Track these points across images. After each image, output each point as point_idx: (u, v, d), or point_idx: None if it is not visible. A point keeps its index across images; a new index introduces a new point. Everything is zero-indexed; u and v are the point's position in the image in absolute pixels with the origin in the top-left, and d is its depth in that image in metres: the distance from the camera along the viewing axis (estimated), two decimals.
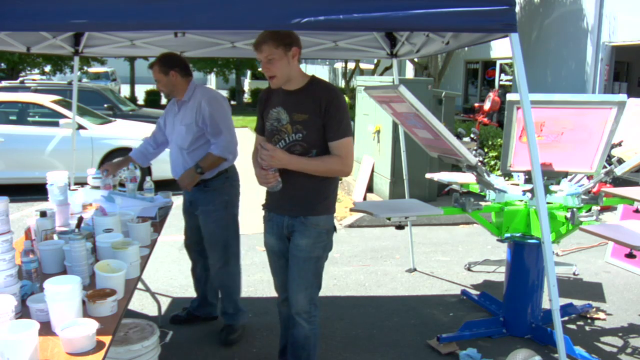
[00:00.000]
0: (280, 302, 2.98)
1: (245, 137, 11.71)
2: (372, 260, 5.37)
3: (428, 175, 4.94)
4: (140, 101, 22.83)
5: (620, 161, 3.74)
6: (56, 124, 7.64)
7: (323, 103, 2.55)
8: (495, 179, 3.91)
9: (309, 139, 2.58)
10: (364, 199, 7.46)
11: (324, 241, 2.70)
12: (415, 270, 5.08)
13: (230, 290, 3.59)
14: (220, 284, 3.62)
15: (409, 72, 16.69)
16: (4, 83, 11.32)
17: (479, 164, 3.45)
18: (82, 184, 3.79)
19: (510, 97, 3.43)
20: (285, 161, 2.54)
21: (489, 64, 14.61)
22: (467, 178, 4.21)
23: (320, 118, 2.56)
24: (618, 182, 4.10)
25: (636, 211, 4.74)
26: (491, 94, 10.14)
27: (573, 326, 3.99)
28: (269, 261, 2.90)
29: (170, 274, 4.86)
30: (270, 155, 2.49)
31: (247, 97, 27.00)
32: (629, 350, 3.63)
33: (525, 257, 3.69)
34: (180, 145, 3.48)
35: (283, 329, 3.04)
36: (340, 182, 8.92)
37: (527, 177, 3.87)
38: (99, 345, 1.81)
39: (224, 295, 3.62)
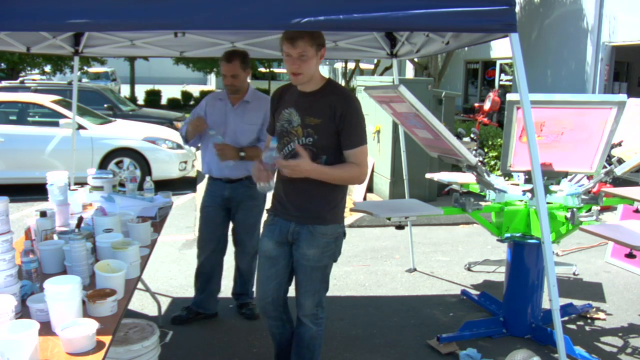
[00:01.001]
0: (262, 313, 2.86)
1: None
2: (372, 260, 5.37)
3: (428, 175, 4.94)
4: (140, 101, 22.83)
5: (620, 161, 3.74)
6: (56, 124, 7.63)
7: (339, 110, 2.49)
8: (495, 179, 3.91)
9: (319, 143, 2.52)
10: (364, 199, 7.46)
11: (331, 249, 2.65)
12: (415, 270, 5.08)
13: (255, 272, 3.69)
14: (250, 268, 3.85)
15: (409, 72, 16.69)
16: (4, 83, 11.31)
17: (479, 164, 3.45)
18: (82, 184, 3.78)
19: (510, 97, 3.43)
20: (310, 171, 2.46)
21: (489, 64, 14.61)
22: (467, 178, 4.21)
23: (334, 124, 2.50)
24: (618, 182, 4.10)
25: (636, 211, 4.74)
26: (491, 94, 10.14)
27: (573, 326, 3.99)
28: (260, 267, 2.78)
29: (170, 274, 4.86)
30: (296, 166, 2.43)
31: None
32: (629, 350, 3.63)
33: (525, 257, 3.69)
34: (239, 142, 3.59)
35: (272, 339, 2.95)
36: None
37: (527, 177, 3.86)
38: (99, 345, 1.81)
39: (252, 277, 3.87)
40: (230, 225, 3.86)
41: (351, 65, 20.67)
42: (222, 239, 3.83)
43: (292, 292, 2.80)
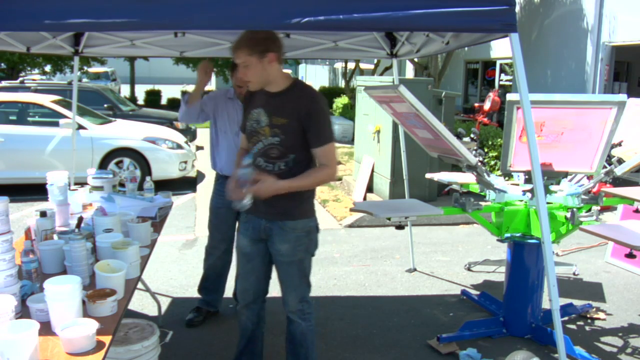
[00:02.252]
0: (240, 308, 2.93)
1: None
2: (372, 260, 5.37)
3: (428, 175, 4.94)
4: (140, 101, 22.83)
5: (620, 161, 3.74)
6: (56, 124, 7.64)
7: (304, 109, 2.53)
8: (495, 179, 3.91)
9: (286, 143, 2.56)
10: (364, 199, 7.46)
11: (304, 243, 2.70)
12: (415, 270, 5.08)
13: None
14: None
15: (409, 72, 16.69)
16: (4, 83, 11.31)
17: (479, 164, 3.45)
18: (82, 184, 3.78)
19: (510, 97, 3.43)
20: (278, 189, 2.52)
21: (489, 64, 14.61)
22: (467, 178, 4.21)
23: (300, 123, 2.54)
24: (618, 182, 4.10)
25: (636, 211, 4.75)
26: (491, 94, 10.14)
27: (573, 326, 3.99)
28: (239, 263, 2.87)
29: (170, 274, 4.86)
30: (262, 187, 2.49)
31: None
32: (629, 350, 3.63)
33: (525, 257, 3.69)
34: None
35: (241, 336, 2.99)
36: (340, 182, 8.92)
37: (527, 177, 3.86)
38: (99, 345, 1.81)
39: None
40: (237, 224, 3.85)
41: (351, 65, 20.64)
42: (233, 239, 3.83)
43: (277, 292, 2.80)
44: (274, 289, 2.93)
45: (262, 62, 2.50)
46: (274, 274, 2.87)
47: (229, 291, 4.07)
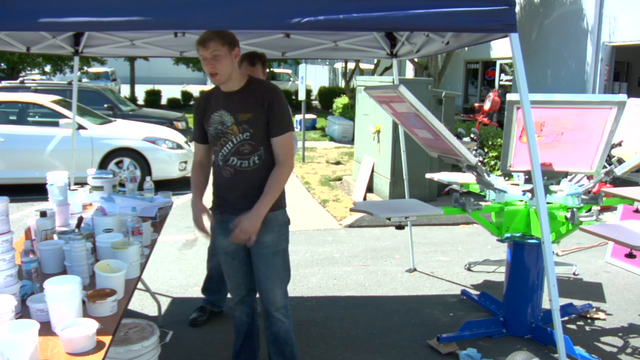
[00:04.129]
0: (233, 305, 2.96)
1: None
2: (372, 260, 5.37)
3: (428, 175, 4.94)
4: (140, 101, 22.83)
5: (620, 161, 3.74)
6: (56, 124, 7.63)
7: (265, 100, 2.59)
8: (495, 179, 3.91)
9: (256, 137, 2.61)
10: (364, 199, 7.46)
11: (285, 233, 2.77)
12: (415, 270, 5.08)
13: None
14: None
15: (409, 72, 16.69)
16: (4, 83, 11.31)
17: (479, 164, 3.45)
18: (82, 184, 3.78)
19: (510, 97, 3.43)
20: (259, 218, 2.56)
21: (489, 64, 14.61)
22: (467, 178, 4.21)
23: (264, 115, 2.60)
24: (618, 182, 4.10)
25: (636, 211, 4.74)
26: (491, 94, 10.14)
27: (573, 326, 3.99)
28: (224, 264, 2.87)
29: (170, 274, 4.86)
30: (246, 225, 2.53)
31: None
32: (629, 350, 3.63)
33: (525, 257, 3.69)
34: None
35: (237, 333, 3.01)
36: (340, 182, 8.93)
37: (527, 177, 3.86)
38: (99, 345, 1.81)
39: None
40: None
41: (351, 65, 20.65)
42: None
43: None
44: None
45: (231, 55, 2.55)
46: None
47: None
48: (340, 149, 12.76)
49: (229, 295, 4.05)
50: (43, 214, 2.68)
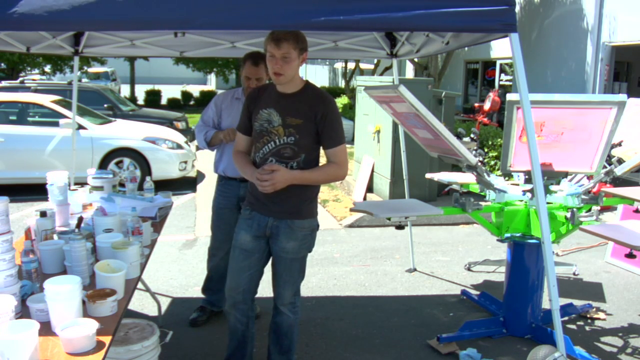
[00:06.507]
0: (228, 308, 2.91)
1: None
2: (372, 260, 5.37)
3: (428, 175, 4.94)
4: (140, 101, 22.83)
5: (620, 161, 3.74)
6: (56, 124, 7.63)
7: (320, 111, 2.60)
8: (495, 179, 3.91)
9: (300, 143, 2.61)
10: (364, 199, 7.46)
11: (308, 241, 2.79)
12: (415, 270, 5.08)
13: None
14: None
15: (409, 72, 16.69)
16: (4, 83, 11.31)
17: (479, 164, 3.45)
18: (82, 184, 3.78)
19: (510, 97, 3.43)
20: (289, 179, 2.57)
21: (489, 64, 14.61)
22: (467, 178, 4.21)
23: (315, 125, 2.61)
24: (618, 182, 4.10)
25: (636, 211, 4.74)
26: (491, 94, 10.13)
27: (573, 326, 3.99)
28: (234, 259, 2.83)
29: (170, 274, 4.86)
30: (277, 176, 2.52)
31: None
32: (629, 350, 3.63)
33: (525, 257, 3.69)
34: None
35: (230, 339, 2.97)
36: (340, 182, 8.92)
37: (527, 177, 3.86)
38: (99, 345, 1.81)
39: None
40: None
41: (351, 65, 20.65)
42: None
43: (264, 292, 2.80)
44: (267, 290, 2.92)
45: (299, 59, 2.56)
46: (267, 275, 2.88)
47: None
48: None
49: None
50: (43, 214, 2.68)
